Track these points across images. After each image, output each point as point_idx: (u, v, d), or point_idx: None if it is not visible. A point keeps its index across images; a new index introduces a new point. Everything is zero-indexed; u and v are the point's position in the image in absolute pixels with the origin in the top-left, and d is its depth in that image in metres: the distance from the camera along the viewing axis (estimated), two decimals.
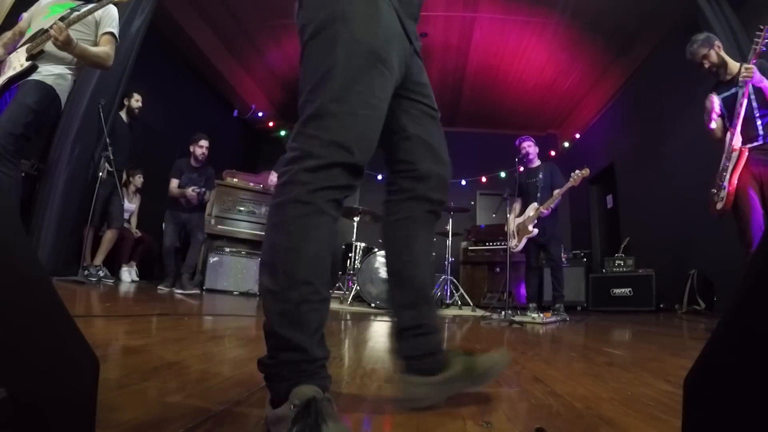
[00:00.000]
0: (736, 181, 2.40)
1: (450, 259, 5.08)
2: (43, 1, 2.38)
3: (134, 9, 4.02)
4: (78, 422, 0.47)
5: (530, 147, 4.25)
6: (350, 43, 0.76)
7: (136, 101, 4.16)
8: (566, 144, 7.47)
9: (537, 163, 4.26)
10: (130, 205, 4.61)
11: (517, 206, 4.24)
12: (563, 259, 4.51)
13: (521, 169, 4.27)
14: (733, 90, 2.43)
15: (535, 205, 4.04)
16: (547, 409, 0.87)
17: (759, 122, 2.39)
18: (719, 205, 2.49)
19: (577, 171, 3.94)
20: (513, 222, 4.18)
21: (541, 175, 4.11)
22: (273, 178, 4.47)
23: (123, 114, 4.09)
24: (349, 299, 4.54)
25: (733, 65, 2.50)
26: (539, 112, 7.20)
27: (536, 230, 3.97)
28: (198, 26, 5.45)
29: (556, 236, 4.09)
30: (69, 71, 2.29)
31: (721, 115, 2.54)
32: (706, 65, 2.54)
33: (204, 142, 4.36)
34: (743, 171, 2.39)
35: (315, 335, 0.69)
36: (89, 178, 3.66)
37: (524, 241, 4.07)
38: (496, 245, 6.12)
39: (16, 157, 2.15)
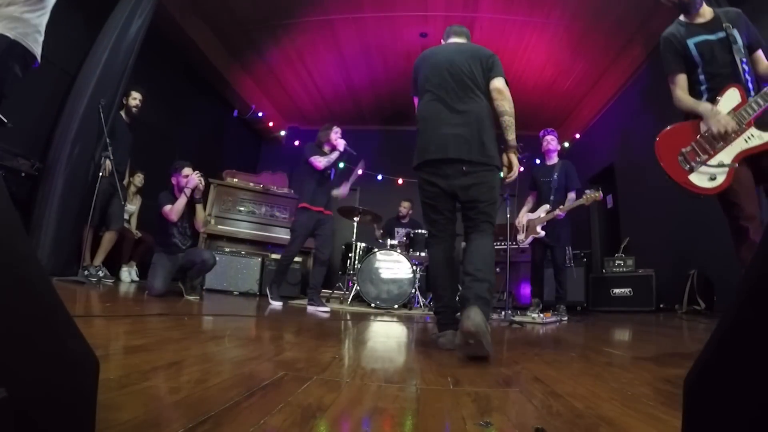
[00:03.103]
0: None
1: None
2: None
3: (134, 9, 4.01)
4: (78, 422, 0.47)
5: (553, 142, 4.20)
6: None
7: (133, 99, 4.11)
8: (566, 144, 7.46)
9: (555, 160, 4.18)
10: (131, 206, 4.60)
11: (531, 200, 4.19)
12: (567, 261, 4.50)
13: (537, 161, 4.23)
14: (712, 36, 1.95)
15: (546, 207, 3.99)
16: (547, 409, 0.87)
17: (747, 75, 1.87)
18: (709, 183, 1.79)
19: (590, 192, 3.82)
20: (524, 215, 4.14)
21: (555, 176, 4.03)
22: (317, 160, 3.66)
23: (123, 113, 4.09)
24: (349, 299, 4.54)
25: (707, 9, 2.05)
26: (539, 112, 7.19)
27: (543, 233, 3.95)
28: (198, 26, 5.45)
29: (563, 240, 4.01)
30: (24, 11, 1.92)
31: (695, 66, 1.99)
32: None
33: (188, 170, 3.54)
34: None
35: None
36: (89, 178, 3.65)
37: (530, 238, 4.05)
38: (496, 245, 6.11)
39: None
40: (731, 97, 1.81)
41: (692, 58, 2.00)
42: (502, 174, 2.00)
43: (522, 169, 2.04)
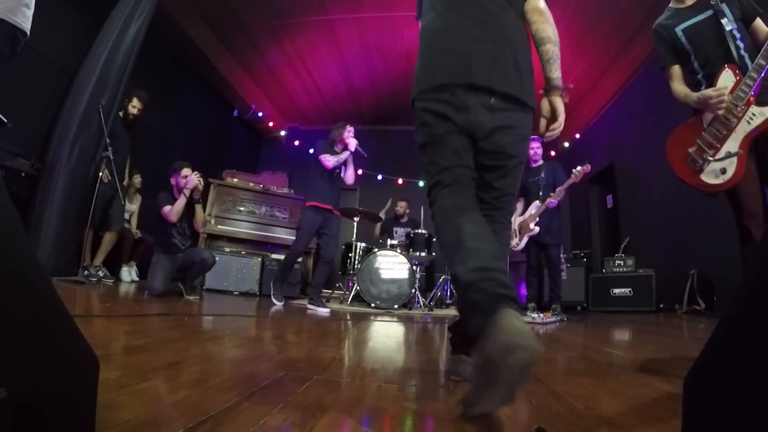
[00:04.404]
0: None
1: None
2: None
3: (134, 9, 4.01)
4: (78, 422, 0.47)
5: (538, 148, 4.26)
6: None
7: (133, 108, 4.07)
8: (566, 144, 7.47)
9: (539, 162, 4.27)
10: (131, 206, 4.61)
11: (519, 205, 4.24)
12: (563, 260, 4.50)
13: None
14: (699, 17, 1.78)
15: (537, 203, 4.05)
16: (547, 409, 0.87)
17: (743, 51, 1.72)
18: (720, 179, 1.69)
19: (578, 167, 3.94)
20: (515, 220, 4.18)
21: (543, 174, 4.12)
22: (327, 158, 3.60)
23: (122, 115, 4.08)
24: (349, 299, 4.54)
25: None
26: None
27: (537, 228, 3.98)
28: (198, 26, 5.45)
29: (556, 237, 4.09)
30: None
31: (687, 54, 1.85)
32: None
33: (186, 171, 3.51)
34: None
35: None
36: (89, 178, 3.65)
37: (525, 239, 4.07)
38: None
39: None
40: (725, 80, 1.69)
41: (683, 47, 1.86)
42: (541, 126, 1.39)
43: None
